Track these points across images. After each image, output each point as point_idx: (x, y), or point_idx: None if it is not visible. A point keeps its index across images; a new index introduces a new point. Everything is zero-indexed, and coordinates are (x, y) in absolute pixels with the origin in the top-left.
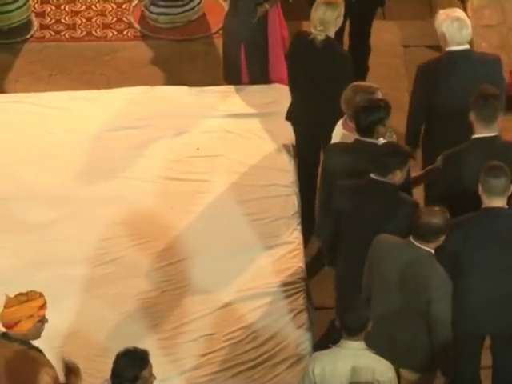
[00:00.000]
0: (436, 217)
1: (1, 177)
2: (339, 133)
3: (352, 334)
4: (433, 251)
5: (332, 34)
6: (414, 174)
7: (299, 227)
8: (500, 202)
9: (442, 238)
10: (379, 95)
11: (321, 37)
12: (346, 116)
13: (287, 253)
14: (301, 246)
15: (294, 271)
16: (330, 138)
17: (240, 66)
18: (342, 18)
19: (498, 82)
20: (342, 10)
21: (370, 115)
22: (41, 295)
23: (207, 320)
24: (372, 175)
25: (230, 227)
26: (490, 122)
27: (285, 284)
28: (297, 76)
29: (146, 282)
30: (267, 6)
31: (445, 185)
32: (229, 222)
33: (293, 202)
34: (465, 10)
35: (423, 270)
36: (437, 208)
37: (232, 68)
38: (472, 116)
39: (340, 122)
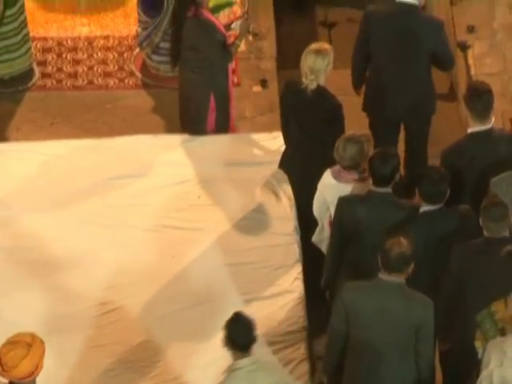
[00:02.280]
0: (405, 247)
1: (6, 223)
2: (329, 184)
3: None
4: (404, 281)
5: (323, 82)
6: None
7: (300, 276)
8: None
9: (411, 268)
10: (372, 144)
11: (312, 86)
12: (337, 167)
13: (288, 302)
14: (302, 295)
15: (295, 320)
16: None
17: (207, 115)
18: (332, 66)
19: None
20: (331, 57)
21: (385, 165)
22: (41, 342)
23: (208, 370)
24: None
25: (231, 276)
26: (485, 116)
27: (285, 334)
28: (289, 124)
29: (147, 331)
30: (238, 42)
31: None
32: (230, 271)
33: (294, 251)
34: (466, 58)
35: (403, 302)
36: (401, 238)
37: (197, 117)
38: (466, 111)
39: (328, 173)
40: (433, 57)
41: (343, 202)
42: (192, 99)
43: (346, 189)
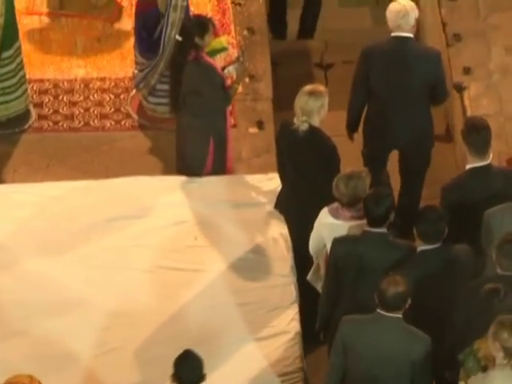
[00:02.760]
0: (401, 285)
1: (3, 264)
2: (326, 222)
3: None
4: (401, 316)
5: (316, 123)
6: None
7: (297, 317)
8: None
9: (408, 304)
10: (369, 180)
11: (303, 127)
12: (335, 204)
13: (285, 343)
14: (299, 336)
15: (291, 361)
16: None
17: (206, 160)
18: (326, 108)
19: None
20: (326, 99)
21: (380, 206)
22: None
23: None
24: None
25: (227, 317)
26: (483, 152)
27: (282, 374)
28: (285, 165)
29: (144, 371)
30: (236, 85)
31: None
32: (227, 312)
33: (290, 292)
34: (462, 99)
35: (401, 337)
36: (396, 276)
37: (196, 162)
38: (464, 147)
39: (326, 211)
40: (431, 91)
41: (338, 243)
42: (191, 144)
43: (344, 227)
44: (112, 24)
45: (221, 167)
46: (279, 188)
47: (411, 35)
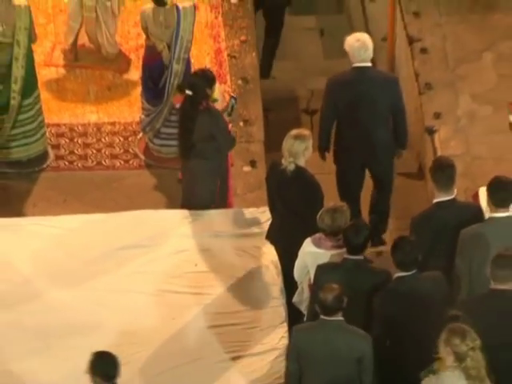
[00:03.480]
0: (336, 290)
1: (20, 293)
2: (309, 251)
3: None
4: (342, 318)
5: (302, 163)
6: None
7: (286, 335)
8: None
9: (343, 307)
10: (349, 213)
11: (290, 167)
12: (318, 235)
13: (275, 358)
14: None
15: (281, 374)
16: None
17: (215, 198)
18: (310, 150)
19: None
20: (310, 142)
21: (359, 236)
22: None
23: None
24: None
25: (223, 335)
26: (448, 188)
27: None
28: (274, 200)
29: None
30: (235, 129)
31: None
32: (222, 331)
33: (280, 313)
34: (433, 141)
35: (344, 337)
36: (332, 284)
37: (206, 201)
38: (431, 184)
39: (309, 241)
40: (391, 114)
41: (321, 269)
42: (201, 185)
43: (325, 255)
44: (121, 75)
45: (223, 202)
46: (270, 220)
47: (371, 64)
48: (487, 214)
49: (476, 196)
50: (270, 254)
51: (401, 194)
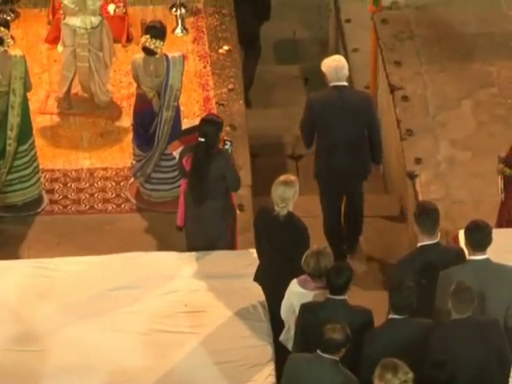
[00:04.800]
0: (337, 333)
1: (12, 334)
2: (295, 291)
3: None
4: (337, 358)
5: (291, 207)
6: None
7: (273, 372)
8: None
9: (344, 350)
10: (332, 256)
11: (283, 212)
12: (304, 276)
13: None
14: None
15: None
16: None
17: (227, 236)
18: (298, 194)
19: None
20: (297, 186)
21: (341, 277)
22: None
23: None
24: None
25: (212, 373)
26: (432, 233)
27: None
28: (262, 243)
29: None
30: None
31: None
32: (211, 369)
33: (268, 351)
34: (414, 185)
35: (336, 377)
36: (338, 325)
37: (219, 240)
38: (415, 228)
39: (295, 282)
40: (367, 131)
41: (304, 309)
42: (214, 224)
43: (310, 295)
44: (113, 122)
45: (234, 240)
46: (257, 262)
47: (346, 84)
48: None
49: (456, 238)
50: (257, 295)
51: (383, 237)
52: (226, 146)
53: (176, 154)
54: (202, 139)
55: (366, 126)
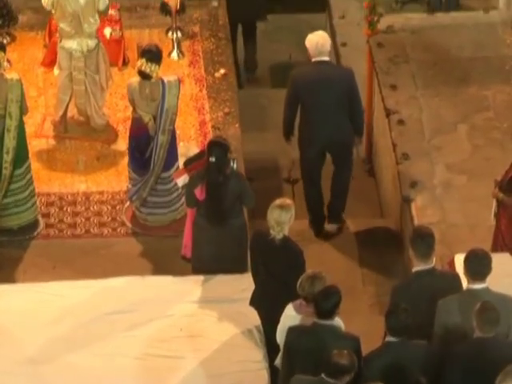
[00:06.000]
0: (343, 359)
1: (8, 359)
2: (291, 316)
3: None
4: None
5: (287, 232)
6: None
7: None
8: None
9: (348, 378)
10: (327, 280)
11: (279, 236)
12: (299, 301)
13: None
14: None
15: None
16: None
17: (247, 256)
18: (294, 217)
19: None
20: (293, 210)
21: (328, 301)
22: None
23: None
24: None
25: None
26: (427, 257)
27: None
28: (258, 268)
29: None
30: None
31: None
32: None
33: (263, 376)
34: (409, 209)
35: None
36: (345, 351)
37: (240, 260)
38: (410, 252)
39: (290, 306)
40: (348, 103)
41: (291, 332)
42: (235, 244)
43: (304, 320)
44: (109, 145)
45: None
46: (253, 286)
47: (328, 59)
48: (464, 284)
49: (452, 263)
50: (253, 319)
51: (379, 261)
52: (231, 164)
53: (179, 181)
54: (213, 159)
55: (347, 99)
